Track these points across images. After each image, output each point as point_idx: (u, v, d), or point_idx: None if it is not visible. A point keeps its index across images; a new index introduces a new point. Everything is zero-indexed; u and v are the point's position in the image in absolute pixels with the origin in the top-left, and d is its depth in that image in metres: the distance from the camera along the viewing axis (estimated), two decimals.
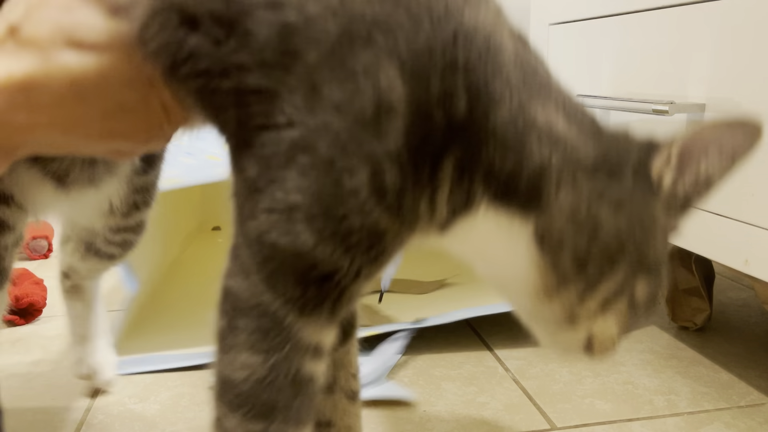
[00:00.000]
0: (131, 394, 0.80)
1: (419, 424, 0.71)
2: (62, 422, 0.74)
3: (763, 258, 0.66)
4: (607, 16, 0.92)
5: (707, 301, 0.93)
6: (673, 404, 0.75)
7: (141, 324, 0.97)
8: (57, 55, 0.37)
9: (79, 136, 0.40)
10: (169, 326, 0.99)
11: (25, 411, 0.76)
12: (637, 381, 0.80)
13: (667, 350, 0.89)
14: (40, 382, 0.83)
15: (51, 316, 1.02)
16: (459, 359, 0.87)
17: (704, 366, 0.84)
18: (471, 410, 0.74)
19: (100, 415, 0.75)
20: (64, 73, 0.37)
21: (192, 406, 0.77)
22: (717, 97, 0.71)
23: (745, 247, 0.68)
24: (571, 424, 0.71)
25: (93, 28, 0.38)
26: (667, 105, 0.73)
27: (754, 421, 0.71)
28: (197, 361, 0.86)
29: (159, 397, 0.79)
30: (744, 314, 1.01)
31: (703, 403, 0.75)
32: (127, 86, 0.39)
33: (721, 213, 0.71)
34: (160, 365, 0.86)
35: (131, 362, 0.86)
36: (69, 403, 0.78)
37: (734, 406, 0.74)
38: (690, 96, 0.75)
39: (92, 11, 0.38)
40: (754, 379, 0.80)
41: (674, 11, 0.78)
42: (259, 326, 0.38)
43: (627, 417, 0.72)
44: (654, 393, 0.77)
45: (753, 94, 0.67)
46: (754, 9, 0.66)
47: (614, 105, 0.86)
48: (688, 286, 0.94)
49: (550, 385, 0.80)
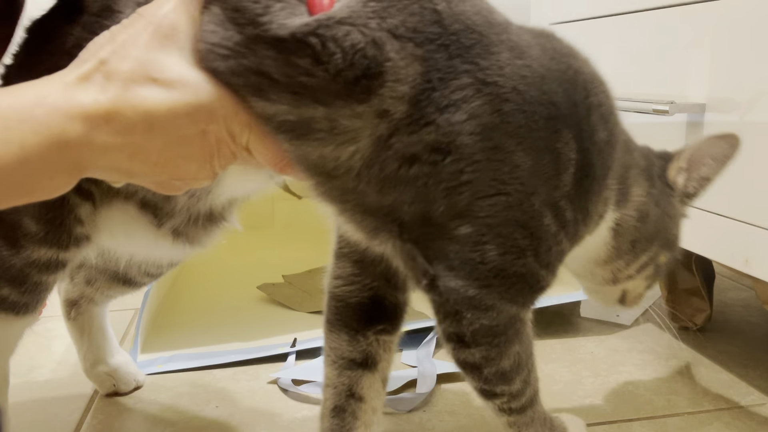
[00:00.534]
0: (131, 394, 0.80)
1: (419, 425, 0.71)
2: (62, 422, 0.74)
3: (764, 258, 0.66)
4: (608, 16, 0.92)
5: (707, 302, 0.93)
6: (674, 404, 0.75)
7: (158, 324, 0.98)
8: (136, 89, 0.43)
9: (141, 161, 0.45)
10: (184, 326, 0.99)
11: (25, 411, 0.76)
12: (637, 381, 0.80)
13: (668, 350, 0.89)
14: (40, 382, 0.83)
15: (51, 316, 1.02)
16: None
17: (704, 366, 0.84)
18: (471, 411, 0.74)
19: (100, 415, 0.75)
20: (140, 105, 0.43)
21: (192, 406, 0.77)
22: (717, 97, 0.71)
23: (745, 247, 0.68)
24: None
25: (168, 67, 0.44)
26: (668, 105, 0.73)
27: (754, 421, 0.71)
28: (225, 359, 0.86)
29: (159, 397, 0.79)
30: (744, 314, 1.01)
31: (704, 403, 0.75)
32: (190, 120, 0.44)
33: (721, 213, 0.71)
34: (184, 364, 0.86)
35: (152, 362, 0.86)
36: (69, 403, 0.78)
37: (734, 406, 0.74)
38: (690, 96, 0.75)
39: (170, 51, 0.44)
40: (755, 379, 0.80)
41: (674, 11, 0.78)
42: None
43: (627, 417, 0.72)
44: (654, 393, 0.77)
45: (753, 94, 0.67)
46: (754, 8, 0.66)
47: None
48: (688, 286, 0.94)
49: (550, 385, 0.80)
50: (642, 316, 1.00)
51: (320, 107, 0.45)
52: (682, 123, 0.76)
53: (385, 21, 0.45)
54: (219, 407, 0.76)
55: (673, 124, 0.78)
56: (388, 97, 0.44)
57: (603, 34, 0.93)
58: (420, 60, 0.44)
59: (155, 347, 0.90)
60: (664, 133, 0.80)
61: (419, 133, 0.45)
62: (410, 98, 0.45)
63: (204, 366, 0.85)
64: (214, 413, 0.75)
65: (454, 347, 0.50)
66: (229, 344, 0.91)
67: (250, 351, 0.88)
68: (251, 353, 0.87)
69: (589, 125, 0.49)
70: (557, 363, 0.86)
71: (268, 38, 0.44)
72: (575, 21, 1.00)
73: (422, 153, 0.45)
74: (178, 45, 0.45)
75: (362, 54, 0.44)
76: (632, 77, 0.87)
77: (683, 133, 0.77)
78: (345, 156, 0.46)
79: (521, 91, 0.46)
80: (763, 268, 0.67)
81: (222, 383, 0.82)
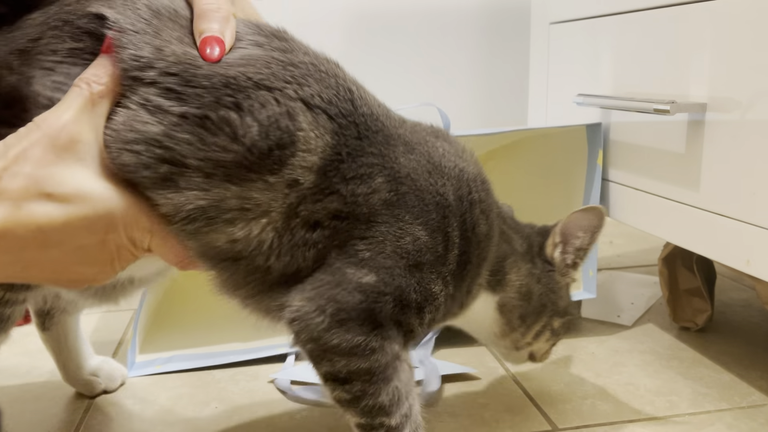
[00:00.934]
0: (130, 395, 0.79)
1: None
2: (61, 423, 0.74)
3: (765, 258, 0.66)
4: (609, 15, 0.91)
5: (709, 302, 0.93)
6: (675, 405, 0.75)
7: (157, 324, 0.97)
8: (28, 206, 0.43)
9: (37, 271, 0.45)
10: (183, 326, 0.99)
11: (24, 411, 0.76)
12: (638, 382, 0.80)
13: (669, 351, 0.88)
14: (39, 382, 0.83)
15: None
16: (459, 360, 0.86)
17: (705, 367, 0.84)
18: (472, 411, 0.74)
19: (99, 415, 0.75)
20: (32, 222, 0.43)
21: (191, 406, 0.77)
22: (718, 97, 0.71)
23: (746, 247, 0.68)
24: (572, 425, 0.71)
25: (65, 181, 0.43)
26: (668, 104, 0.73)
27: (755, 422, 0.71)
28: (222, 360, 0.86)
29: (158, 397, 0.79)
30: (745, 315, 1.01)
31: (705, 404, 0.75)
32: (88, 232, 0.45)
33: (722, 213, 0.71)
34: (184, 364, 0.86)
35: (151, 362, 0.86)
36: (68, 404, 0.78)
37: (736, 407, 0.74)
38: (691, 95, 0.75)
39: (67, 164, 0.44)
40: (756, 380, 0.80)
41: (676, 9, 0.77)
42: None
43: (628, 418, 0.72)
44: (655, 394, 0.77)
45: (754, 93, 0.66)
46: (755, 8, 0.65)
47: (615, 104, 0.86)
48: (689, 287, 0.94)
49: (550, 386, 0.80)
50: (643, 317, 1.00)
51: (232, 186, 0.47)
52: (683, 123, 0.76)
53: (302, 89, 0.48)
54: (219, 408, 0.76)
55: (674, 123, 0.78)
56: (299, 167, 0.47)
57: (604, 32, 0.93)
58: (331, 133, 0.48)
59: (154, 348, 0.90)
60: (665, 132, 0.80)
61: (323, 201, 0.49)
62: (318, 168, 0.48)
63: (203, 366, 0.85)
64: (214, 414, 0.75)
65: (334, 386, 0.52)
66: (229, 344, 0.91)
67: (250, 351, 0.87)
68: (251, 353, 0.87)
69: (471, 218, 0.55)
70: (558, 363, 0.85)
71: (186, 122, 0.46)
72: (576, 20, 1.00)
73: (324, 219, 0.49)
74: (77, 156, 0.44)
75: (277, 125, 0.46)
76: (633, 77, 0.87)
77: (684, 133, 0.76)
78: (257, 230, 0.48)
79: (414, 178, 0.52)
80: (764, 269, 0.67)
81: (222, 384, 0.82)
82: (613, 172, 0.92)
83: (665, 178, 0.81)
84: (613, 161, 0.92)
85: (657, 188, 0.82)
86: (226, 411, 0.75)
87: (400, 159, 0.51)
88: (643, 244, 1.39)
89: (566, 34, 1.04)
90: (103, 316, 1.05)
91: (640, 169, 0.86)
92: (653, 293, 1.09)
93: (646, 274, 1.20)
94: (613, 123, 0.92)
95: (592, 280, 0.94)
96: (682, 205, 0.78)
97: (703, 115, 0.73)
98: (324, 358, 0.51)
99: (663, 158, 0.81)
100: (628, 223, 0.89)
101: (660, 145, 0.81)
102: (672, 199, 0.79)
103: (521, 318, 0.64)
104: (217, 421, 0.73)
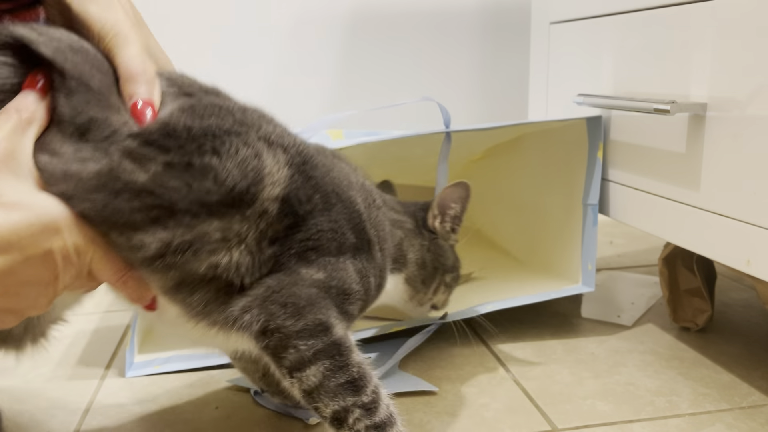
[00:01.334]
0: (130, 396, 0.79)
1: (419, 426, 0.71)
2: (61, 423, 0.74)
3: (765, 258, 0.66)
4: (609, 15, 0.91)
5: (709, 302, 0.93)
6: (675, 405, 0.75)
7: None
8: None
9: None
10: None
11: (24, 412, 0.76)
12: (638, 382, 0.80)
13: (669, 351, 0.88)
14: (38, 383, 0.83)
15: None
16: (459, 360, 0.86)
17: (706, 367, 0.84)
18: (471, 411, 0.74)
19: (98, 416, 0.75)
20: None
21: (191, 407, 0.77)
22: (719, 96, 0.71)
23: (746, 247, 0.68)
24: (572, 426, 0.71)
25: (5, 192, 0.45)
26: (669, 104, 0.72)
27: (755, 422, 0.71)
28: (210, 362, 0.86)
29: (158, 398, 0.79)
30: (746, 315, 1.01)
31: (705, 404, 0.75)
32: (33, 240, 0.46)
33: (722, 213, 0.71)
34: (183, 365, 0.86)
35: (150, 363, 0.86)
36: (67, 405, 0.78)
37: (736, 408, 0.74)
38: (692, 95, 0.75)
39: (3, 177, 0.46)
40: (756, 380, 0.80)
41: (676, 9, 0.77)
42: None
43: (628, 418, 0.72)
44: (655, 394, 0.77)
45: (754, 93, 0.66)
46: (755, 8, 0.65)
47: (616, 104, 0.86)
48: (689, 287, 0.94)
49: (550, 386, 0.80)
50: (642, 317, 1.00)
51: (215, 221, 0.52)
52: (683, 122, 0.76)
53: (260, 130, 0.56)
54: (218, 408, 0.76)
55: (675, 123, 0.78)
56: (267, 199, 0.54)
57: (604, 32, 0.93)
58: (288, 165, 0.56)
59: (153, 348, 0.90)
60: (665, 132, 0.80)
61: (283, 221, 0.55)
62: (282, 197, 0.55)
63: (203, 366, 0.85)
64: (214, 414, 0.75)
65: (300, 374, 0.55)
66: None
67: None
68: None
69: (377, 220, 0.67)
70: (558, 364, 0.85)
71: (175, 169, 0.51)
72: (576, 20, 1.00)
73: (281, 232, 0.56)
74: (14, 171, 0.47)
75: (250, 166, 0.53)
76: (633, 76, 0.87)
77: (684, 133, 0.76)
78: (236, 256, 0.53)
79: (338, 193, 0.61)
80: (764, 269, 0.66)
81: (221, 384, 0.82)
82: (614, 171, 0.92)
83: (665, 178, 0.81)
84: (614, 161, 0.92)
85: (657, 188, 0.82)
86: (226, 412, 0.75)
87: (326, 179, 0.60)
88: (643, 244, 1.39)
89: (566, 33, 1.04)
90: (103, 316, 1.05)
91: (641, 169, 0.86)
92: (653, 293, 1.09)
93: (646, 274, 1.20)
94: (614, 123, 0.92)
95: (591, 274, 0.94)
96: (682, 205, 0.78)
97: (704, 115, 0.73)
98: (289, 346, 0.54)
99: (663, 158, 0.81)
100: (628, 223, 0.89)
101: (660, 145, 0.81)
102: (672, 199, 0.79)
103: (423, 282, 0.77)
104: (217, 422, 0.73)
